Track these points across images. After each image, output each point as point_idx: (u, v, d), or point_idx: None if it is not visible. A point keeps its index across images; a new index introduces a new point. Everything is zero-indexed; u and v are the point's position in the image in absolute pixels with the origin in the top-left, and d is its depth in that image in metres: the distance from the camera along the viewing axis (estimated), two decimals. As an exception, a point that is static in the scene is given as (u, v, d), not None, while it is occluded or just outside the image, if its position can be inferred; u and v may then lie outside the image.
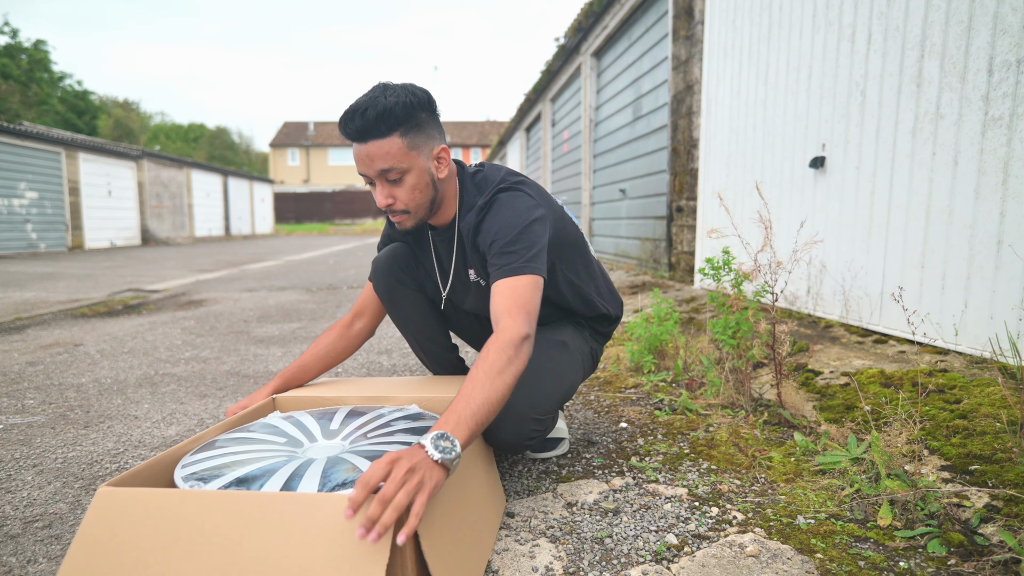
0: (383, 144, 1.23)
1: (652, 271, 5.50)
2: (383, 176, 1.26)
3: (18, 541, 1.27)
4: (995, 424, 1.48)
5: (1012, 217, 1.94)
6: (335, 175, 38.17)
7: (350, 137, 1.25)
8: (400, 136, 1.24)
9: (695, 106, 4.39)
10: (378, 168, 1.25)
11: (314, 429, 1.26)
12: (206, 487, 1.00)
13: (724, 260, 2.00)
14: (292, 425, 1.27)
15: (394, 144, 1.24)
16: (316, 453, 1.13)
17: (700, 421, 1.87)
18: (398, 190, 1.28)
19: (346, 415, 1.32)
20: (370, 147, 1.23)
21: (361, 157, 1.25)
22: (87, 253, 12.83)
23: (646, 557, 1.16)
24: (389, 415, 1.30)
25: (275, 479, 1.00)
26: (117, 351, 3.15)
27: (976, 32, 2.05)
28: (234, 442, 1.18)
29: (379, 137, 1.23)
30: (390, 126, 1.22)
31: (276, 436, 1.22)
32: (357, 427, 1.25)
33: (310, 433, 1.24)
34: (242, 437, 1.21)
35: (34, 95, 25.40)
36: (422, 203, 1.32)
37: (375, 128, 1.22)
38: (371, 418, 1.29)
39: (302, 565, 0.83)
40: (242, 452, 1.13)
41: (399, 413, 1.32)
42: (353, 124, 1.23)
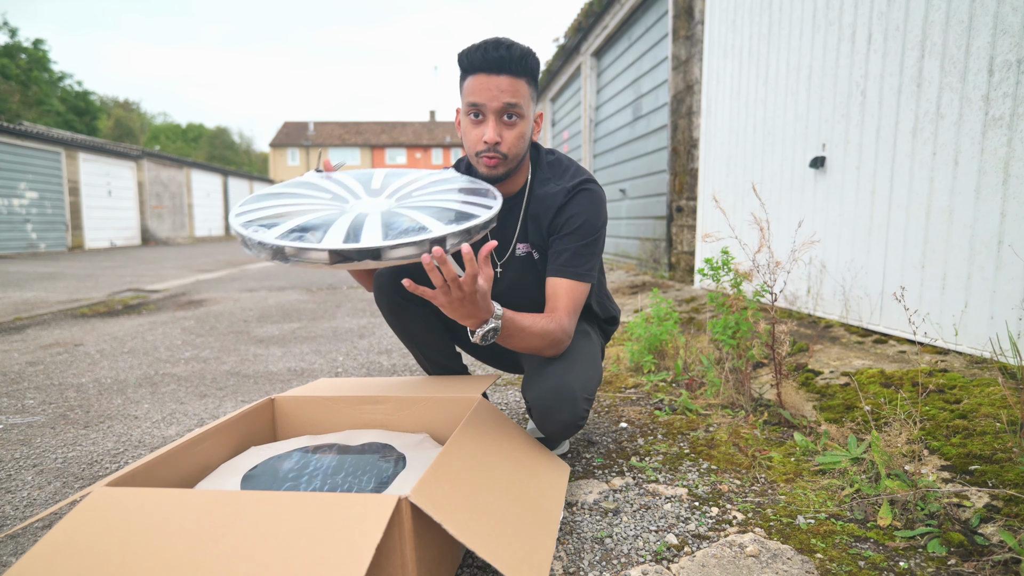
0: (516, 83, 1.28)
1: (652, 271, 5.50)
2: (503, 112, 1.29)
3: (18, 541, 1.27)
4: (995, 424, 1.48)
5: (1012, 217, 1.94)
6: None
7: (485, 65, 1.26)
8: (528, 84, 1.30)
9: (695, 106, 4.39)
10: (504, 101, 1.27)
11: (356, 187, 1.31)
12: (270, 232, 1.05)
13: (723, 260, 2.00)
14: (334, 183, 1.32)
15: (524, 87, 1.29)
16: (366, 208, 1.19)
17: (700, 421, 1.87)
18: (508, 132, 1.31)
19: (385, 176, 1.39)
20: (503, 80, 1.26)
21: (488, 87, 1.26)
22: (87, 253, 12.83)
23: (646, 557, 1.16)
24: (427, 177, 1.38)
25: (335, 228, 1.02)
26: (117, 351, 3.15)
27: (976, 32, 2.05)
28: (281, 196, 1.23)
29: (515, 75, 1.27)
30: (525, 70, 1.28)
31: (320, 192, 1.27)
32: (399, 186, 1.33)
33: (353, 191, 1.29)
34: (288, 191, 1.26)
35: (33, 95, 25.40)
36: (519, 154, 1.35)
37: (516, 65, 1.26)
38: (412, 179, 1.36)
39: (286, 564, 0.83)
40: (292, 204, 1.18)
41: (437, 176, 1.39)
42: (496, 53, 1.25)
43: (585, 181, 1.41)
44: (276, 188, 1.31)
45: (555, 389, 1.32)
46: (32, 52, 26.77)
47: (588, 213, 1.38)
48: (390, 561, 0.90)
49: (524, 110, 1.30)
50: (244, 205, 1.20)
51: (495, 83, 1.26)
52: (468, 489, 1.01)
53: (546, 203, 1.40)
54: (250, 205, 1.20)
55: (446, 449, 1.08)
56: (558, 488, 1.27)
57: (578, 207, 1.38)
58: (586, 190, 1.39)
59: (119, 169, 16.05)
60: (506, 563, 0.91)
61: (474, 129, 1.32)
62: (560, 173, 1.44)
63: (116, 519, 0.90)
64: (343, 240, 1.02)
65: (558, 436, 1.41)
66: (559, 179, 1.43)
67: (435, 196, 1.28)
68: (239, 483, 1.15)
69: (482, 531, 0.94)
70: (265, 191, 1.29)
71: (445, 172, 1.45)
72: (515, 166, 1.37)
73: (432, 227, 1.09)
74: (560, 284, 1.36)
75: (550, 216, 1.40)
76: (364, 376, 2.64)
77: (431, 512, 0.88)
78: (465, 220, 1.15)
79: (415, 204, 1.23)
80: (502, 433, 1.30)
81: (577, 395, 1.33)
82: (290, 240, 1.03)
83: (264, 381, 2.54)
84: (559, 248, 1.38)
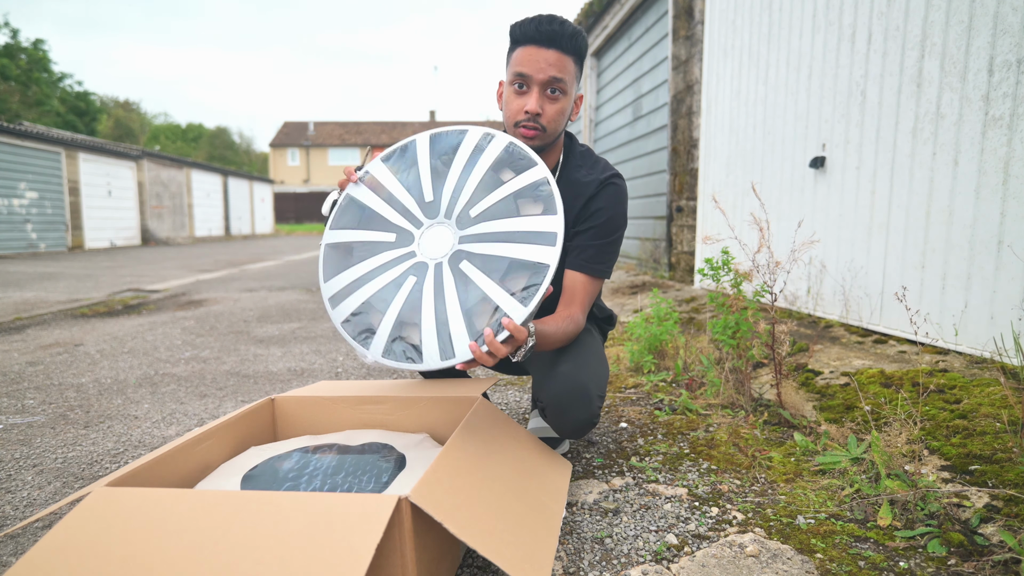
0: (563, 58, 1.29)
1: (652, 271, 5.50)
2: (548, 85, 1.30)
3: (18, 541, 1.27)
4: (995, 424, 1.48)
5: (1013, 217, 1.94)
6: (335, 175, 38.16)
7: (536, 38, 1.28)
8: (574, 63, 1.32)
9: (695, 106, 4.39)
10: (550, 75, 1.29)
11: (411, 205, 1.30)
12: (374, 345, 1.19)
13: (723, 260, 2.00)
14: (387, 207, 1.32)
15: (570, 64, 1.31)
16: (432, 251, 1.23)
17: (700, 421, 1.87)
18: (550, 106, 1.32)
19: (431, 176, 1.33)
20: (551, 54, 1.28)
21: (536, 59, 1.28)
22: (87, 253, 12.82)
23: (646, 557, 1.16)
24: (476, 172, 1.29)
25: (427, 338, 1.15)
26: (117, 351, 3.15)
27: (976, 32, 2.05)
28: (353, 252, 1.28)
29: (563, 51, 1.29)
30: (574, 48, 1.30)
31: (384, 232, 1.29)
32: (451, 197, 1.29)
33: (412, 215, 1.29)
34: (357, 241, 1.29)
35: (33, 95, 25.39)
36: (556, 129, 1.36)
37: (566, 41, 1.28)
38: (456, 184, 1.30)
39: (286, 564, 0.83)
40: (370, 274, 1.24)
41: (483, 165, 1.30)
42: (549, 27, 1.27)
43: (616, 175, 1.43)
44: (341, 236, 1.32)
45: (570, 389, 1.34)
46: (32, 52, 26.77)
47: (615, 209, 1.41)
48: (390, 561, 0.90)
49: (568, 86, 1.31)
50: (329, 281, 1.29)
51: (543, 56, 1.28)
52: (469, 488, 1.01)
53: (577, 190, 1.41)
54: (335, 282, 1.29)
55: (446, 449, 1.08)
56: (560, 485, 1.27)
57: (606, 201, 1.40)
58: (614, 184, 1.42)
59: (119, 169, 16.05)
60: (508, 561, 0.91)
61: (517, 99, 1.33)
62: (592, 163, 1.46)
63: (116, 519, 0.90)
64: (440, 359, 1.16)
65: (573, 434, 1.42)
66: (591, 169, 1.44)
67: (495, 211, 1.25)
68: (239, 483, 1.15)
69: (483, 529, 0.94)
70: (333, 240, 1.32)
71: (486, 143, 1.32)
72: (551, 142, 1.38)
73: (512, 312, 1.15)
74: (579, 279, 1.40)
75: (580, 205, 1.41)
76: (364, 376, 2.64)
77: (431, 511, 0.88)
78: (534, 288, 1.18)
79: (480, 249, 1.23)
80: (503, 432, 1.30)
81: (592, 393, 1.35)
82: (394, 360, 1.19)
83: (264, 381, 2.54)
84: (583, 243, 1.40)
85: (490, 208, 1.25)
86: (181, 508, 0.90)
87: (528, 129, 1.33)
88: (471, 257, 1.22)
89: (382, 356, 1.19)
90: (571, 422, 1.37)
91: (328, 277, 1.31)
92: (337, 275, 1.30)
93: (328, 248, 1.33)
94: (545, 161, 1.43)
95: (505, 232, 1.22)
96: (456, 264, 1.22)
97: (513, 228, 1.22)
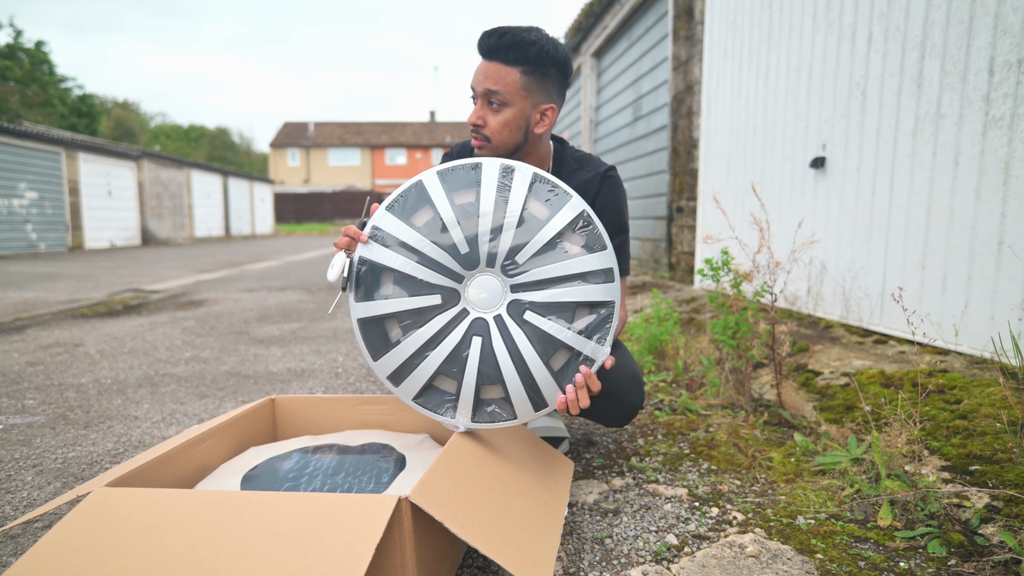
0: (502, 70, 1.29)
1: (652, 271, 5.50)
2: (486, 97, 1.32)
3: (18, 541, 1.27)
4: (995, 424, 1.48)
5: (1013, 217, 1.94)
6: (335, 175, 38.17)
7: (480, 50, 1.32)
8: (521, 73, 1.30)
9: (695, 106, 4.39)
10: (486, 87, 1.30)
11: (444, 259, 1.15)
12: (458, 407, 1.15)
13: (723, 261, 2.00)
14: (421, 266, 1.15)
15: (511, 75, 1.29)
16: (485, 303, 1.17)
17: (700, 421, 1.87)
18: (492, 117, 1.33)
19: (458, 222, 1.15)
20: (490, 67, 1.30)
21: (479, 72, 1.32)
22: (87, 253, 12.82)
23: (646, 557, 1.16)
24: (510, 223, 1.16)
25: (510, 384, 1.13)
26: (117, 351, 3.15)
27: (977, 32, 2.05)
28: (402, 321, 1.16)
29: (502, 62, 1.29)
30: (516, 59, 1.29)
31: (428, 296, 1.15)
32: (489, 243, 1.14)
33: (449, 270, 1.15)
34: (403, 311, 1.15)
35: (34, 96, 25.41)
36: (506, 142, 1.36)
37: (503, 52, 1.28)
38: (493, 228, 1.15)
39: (286, 564, 0.83)
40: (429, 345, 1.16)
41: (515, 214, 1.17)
42: (488, 40, 1.29)
43: (611, 168, 1.46)
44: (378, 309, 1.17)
45: (627, 376, 1.38)
46: (33, 53, 26.77)
47: (619, 201, 1.44)
48: (390, 561, 0.90)
49: (508, 98, 1.30)
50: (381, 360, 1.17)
51: (483, 68, 1.31)
52: (470, 487, 1.01)
53: (581, 191, 1.42)
54: (387, 360, 1.17)
55: (447, 448, 1.08)
56: (562, 484, 1.26)
57: (610, 196, 1.43)
58: (612, 177, 1.45)
59: (119, 169, 16.05)
60: (510, 559, 0.91)
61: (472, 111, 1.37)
62: (586, 162, 1.48)
63: (116, 519, 0.90)
64: (534, 410, 1.16)
65: (623, 421, 1.45)
66: (587, 167, 1.46)
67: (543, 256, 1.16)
68: (239, 483, 1.15)
69: (484, 528, 0.94)
70: (367, 313, 1.17)
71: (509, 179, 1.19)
72: (506, 154, 1.37)
73: (594, 355, 1.15)
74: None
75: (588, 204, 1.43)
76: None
77: (432, 511, 0.88)
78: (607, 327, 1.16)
79: (540, 297, 1.15)
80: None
81: (641, 378, 1.42)
82: (486, 423, 1.17)
83: (264, 381, 2.54)
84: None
85: (537, 254, 1.15)
86: (181, 508, 0.90)
87: (475, 139, 1.36)
88: (533, 307, 1.15)
89: (472, 422, 1.17)
90: (626, 408, 1.40)
91: (378, 355, 1.17)
92: (389, 352, 1.17)
93: (364, 324, 1.17)
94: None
95: (560, 276, 1.15)
96: (519, 315, 1.15)
97: (566, 272, 1.15)
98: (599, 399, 1.38)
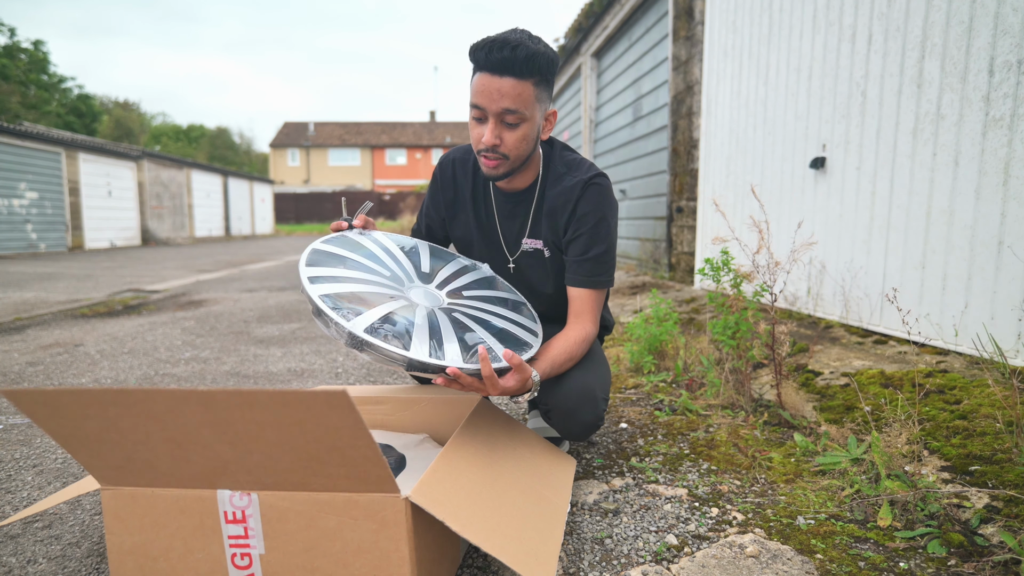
0: (518, 85, 1.23)
1: (652, 271, 5.50)
2: (502, 115, 1.25)
3: (18, 541, 1.27)
4: (995, 424, 1.48)
5: (1013, 218, 1.94)
6: (335, 175, 38.17)
7: (488, 66, 1.23)
8: (534, 85, 1.25)
9: (695, 107, 4.39)
10: (503, 106, 1.24)
11: (407, 265, 1.38)
12: (358, 320, 1.09)
13: (723, 261, 2.00)
14: (384, 253, 1.37)
15: (527, 90, 1.24)
16: (423, 301, 1.26)
17: (700, 422, 1.87)
18: (509, 134, 1.28)
19: (430, 255, 1.46)
20: (504, 83, 1.22)
21: (489, 90, 1.23)
22: (87, 253, 12.82)
23: (646, 558, 1.16)
24: (468, 276, 1.45)
25: (419, 333, 1.12)
26: (117, 351, 3.15)
27: (977, 33, 2.05)
28: (345, 262, 1.26)
29: (517, 77, 1.22)
30: (532, 71, 1.23)
31: (379, 266, 1.31)
32: (447, 278, 1.41)
33: (406, 271, 1.35)
34: (351, 258, 1.29)
35: (34, 96, 25.40)
36: (522, 154, 1.33)
37: (519, 67, 1.21)
38: (454, 272, 1.44)
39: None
40: (359, 280, 1.21)
41: (475, 276, 1.47)
42: (499, 54, 1.20)
43: (599, 175, 1.40)
44: (335, 249, 1.31)
45: (577, 392, 1.34)
46: (32, 53, 26.76)
47: (601, 210, 1.38)
48: (390, 561, 0.90)
49: (527, 113, 1.26)
50: (313, 267, 1.20)
51: (497, 85, 1.22)
52: (471, 486, 1.01)
53: (565, 196, 1.39)
54: (319, 270, 1.20)
55: (447, 448, 1.08)
56: (564, 481, 1.26)
57: (591, 204, 1.37)
58: (597, 184, 1.38)
59: (119, 169, 16.04)
60: (512, 557, 0.91)
61: (476, 127, 1.30)
62: (576, 166, 1.43)
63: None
64: (428, 354, 1.10)
65: (579, 437, 1.42)
66: (575, 172, 1.41)
67: (489, 299, 1.40)
68: None
69: (486, 527, 0.94)
70: (325, 248, 1.29)
71: (483, 269, 1.52)
72: (520, 166, 1.35)
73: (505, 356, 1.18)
74: (584, 295, 1.39)
75: (568, 211, 1.39)
76: (365, 376, 2.64)
77: (432, 510, 0.88)
78: (527, 348, 1.27)
79: (472, 312, 1.31)
80: (504, 431, 1.30)
81: (597, 395, 1.36)
82: (379, 338, 1.08)
83: (264, 381, 2.54)
84: (579, 256, 1.38)
85: (484, 295, 1.39)
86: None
87: (489, 159, 1.30)
88: (464, 316, 1.26)
89: (364, 331, 1.07)
90: (577, 425, 1.37)
91: (313, 264, 1.22)
92: (325, 265, 1.23)
93: (315, 252, 1.26)
94: (522, 177, 1.43)
95: (496, 312, 1.34)
96: (450, 313, 1.25)
97: (503, 313, 1.35)
98: (552, 413, 1.38)
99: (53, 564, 1.18)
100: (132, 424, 0.85)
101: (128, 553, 0.96)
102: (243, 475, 0.89)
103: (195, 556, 0.94)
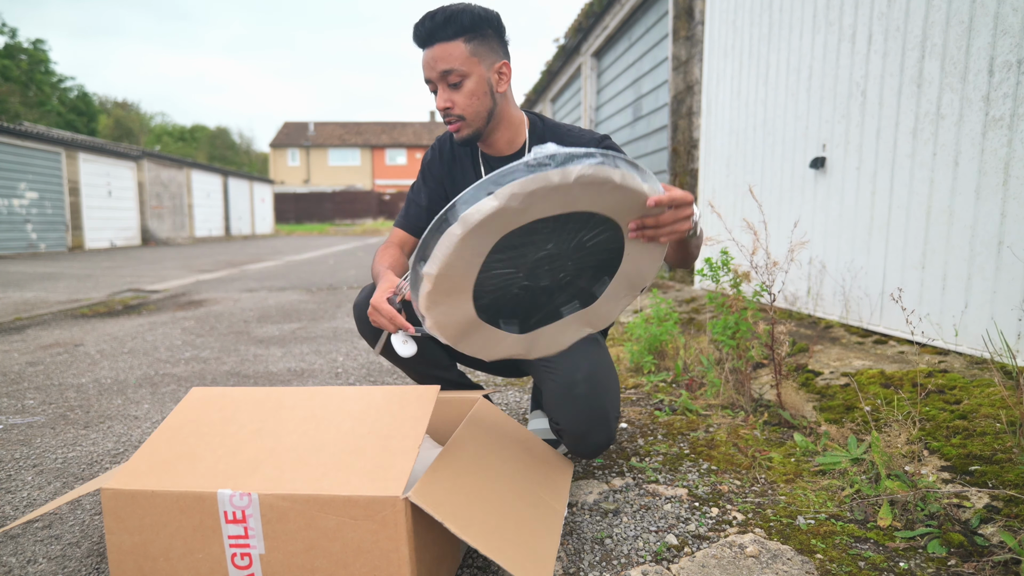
0: (447, 47, 1.28)
1: (652, 271, 5.50)
2: (444, 79, 1.30)
3: (18, 541, 1.27)
4: (995, 424, 1.48)
5: (1013, 218, 1.94)
6: (335, 175, 38.18)
7: (419, 41, 1.30)
8: (464, 42, 1.29)
9: (695, 107, 4.39)
10: (440, 70, 1.29)
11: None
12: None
13: (723, 261, 2.00)
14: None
15: (457, 48, 1.28)
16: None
17: (700, 422, 1.87)
18: (456, 95, 1.32)
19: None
20: (435, 50, 1.29)
21: (427, 61, 1.30)
22: (87, 253, 12.82)
23: (646, 557, 1.16)
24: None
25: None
26: (117, 351, 3.15)
27: (977, 32, 2.05)
28: None
29: (444, 40, 1.28)
30: (456, 31, 1.28)
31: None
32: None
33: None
34: None
35: (34, 96, 25.40)
36: (479, 111, 1.34)
37: (441, 30, 1.27)
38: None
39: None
40: None
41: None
42: (423, 27, 1.28)
43: (604, 137, 1.40)
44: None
45: (590, 415, 1.33)
46: (32, 53, 26.76)
47: None
48: (390, 561, 0.90)
49: (464, 70, 1.29)
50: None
51: (430, 55, 1.29)
52: (470, 488, 1.01)
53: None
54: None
55: (447, 449, 1.08)
56: (562, 484, 1.27)
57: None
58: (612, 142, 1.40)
59: (119, 169, 16.04)
60: (509, 559, 0.91)
61: (436, 100, 1.35)
62: (578, 135, 1.42)
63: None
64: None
65: (590, 456, 1.43)
66: (577, 139, 1.40)
67: None
68: None
69: (485, 529, 0.94)
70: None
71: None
72: (485, 121, 1.35)
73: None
74: None
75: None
76: (365, 377, 2.64)
77: (432, 511, 0.88)
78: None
79: None
80: (504, 432, 1.30)
81: (610, 416, 1.36)
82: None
83: (264, 381, 2.54)
84: None
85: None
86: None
87: (451, 124, 1.35)
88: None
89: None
90: (590, 446, 1.37)
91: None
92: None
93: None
94: (503, 144, 1.43)
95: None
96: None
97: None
98: (564, 434, 1.37)
99: (53, 564, 1.18)
100: None
101: (128, 553, 0.96)
102: None
103: (195, 556, 0.94)
